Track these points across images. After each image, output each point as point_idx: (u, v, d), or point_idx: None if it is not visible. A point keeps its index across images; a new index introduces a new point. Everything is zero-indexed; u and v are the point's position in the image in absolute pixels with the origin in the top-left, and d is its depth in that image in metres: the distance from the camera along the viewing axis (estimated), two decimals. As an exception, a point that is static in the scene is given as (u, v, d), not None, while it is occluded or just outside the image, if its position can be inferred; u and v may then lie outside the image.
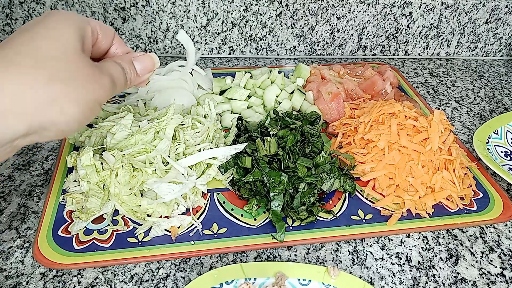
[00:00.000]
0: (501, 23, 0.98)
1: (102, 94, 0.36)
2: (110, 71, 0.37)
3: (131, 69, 0.41)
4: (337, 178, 0.57)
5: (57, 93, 0.32)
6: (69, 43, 0.34)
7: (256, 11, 0.86)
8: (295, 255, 0.51)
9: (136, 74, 0.42)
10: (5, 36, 0.82)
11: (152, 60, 0.43)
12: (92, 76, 0.35)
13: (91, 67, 0.35)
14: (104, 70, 0.37)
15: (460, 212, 0.57)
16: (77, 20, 0.35)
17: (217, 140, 0.62)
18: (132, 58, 0.41)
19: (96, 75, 0.35)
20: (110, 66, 0.38)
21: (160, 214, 0.52)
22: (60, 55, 0.33)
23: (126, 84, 0.40)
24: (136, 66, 0.42)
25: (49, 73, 0.31)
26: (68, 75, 0.32)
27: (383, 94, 0.77)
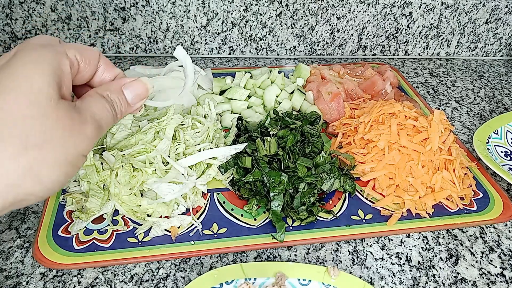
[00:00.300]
0: (501, 23, 0.98)
1: (84, 146, 0.30)
2: (93, 113, 0.31)
3: (121, 99, 0.34)
4: (337, 178, 0.57)
5: (32, 161, 0.27)
6: (42, 94, 0.27)
7: (256, 11, 0.86)
8: (295, 255, 0.51)
9: (127, 104, 0.35)
10: (5, 37, 0.82)
11: (145, 86, 0.36)
12: (71, 129, 0.29)
13: (70, 117, 0.29)
14: (86, 114, 0.30)
15: (460, 212, 0.57)
16: (50, 59, 0.29)
17: (217, 140, 0.62)
18: (122, 86, 0.35)
19: (76, 124, 0.29)
20: (93, 105, 0.32)
21: (160, 214, 0.52)
22: (33, 112, 0.27)
23: (116, 120, 0.34)
24: (127, 95, 0.35)
25: (21, 139, 0.26)
26: (42, 136, 0.27)
27: (383, 94, 0.77)
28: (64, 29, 0.83)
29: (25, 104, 0.27)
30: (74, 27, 0.83)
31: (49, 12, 0.81)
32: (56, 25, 0.83)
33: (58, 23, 0.82)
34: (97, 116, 0.31)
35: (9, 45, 0.84)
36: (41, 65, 0.28)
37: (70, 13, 0.81)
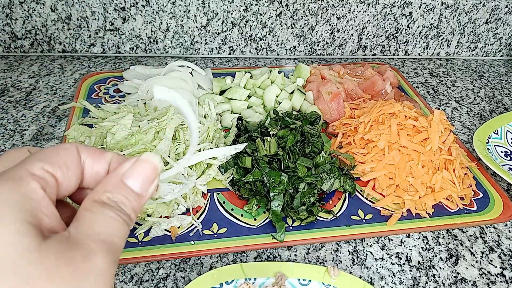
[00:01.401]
0: (501, 23, 0.98)
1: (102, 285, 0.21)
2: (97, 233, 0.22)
3: (127, 195, 0.25)
4: (337, 178, 0.57)
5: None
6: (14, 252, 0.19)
7: (256, 11, 0.86)
8: (295, 255, 0.51)
9: (137, 197, 0.25)
10: (5, 37, 0.82)
11: (151, 165, 0.26)
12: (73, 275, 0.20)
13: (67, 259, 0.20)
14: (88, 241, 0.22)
15: (460, 212, 0.57)
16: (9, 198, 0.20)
17: (217, 140, 0.62)
18: (122, 178, 0.25)
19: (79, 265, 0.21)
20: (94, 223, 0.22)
21: (160, 214, 0.52)
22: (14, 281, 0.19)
23: (130, 225, 0.24)
24: (133, 187, 0.25)
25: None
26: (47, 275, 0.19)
27: (383, 94, 0.77)
28: (64, 29, 0.83)
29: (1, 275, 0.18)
30: (74, 27, 0.83)
31: (49, 12, 0.81)
32: (56, 25, 0.83)
33: (58, 23, 0.82)
34: (104, 236, 0.22)
35: (9, 45, 0.84)
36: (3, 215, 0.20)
37: (70, 13, 0.81)
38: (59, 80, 0.79)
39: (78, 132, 0.60)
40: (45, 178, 0.22)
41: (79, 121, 0.65)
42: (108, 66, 0.85)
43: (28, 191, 0.21)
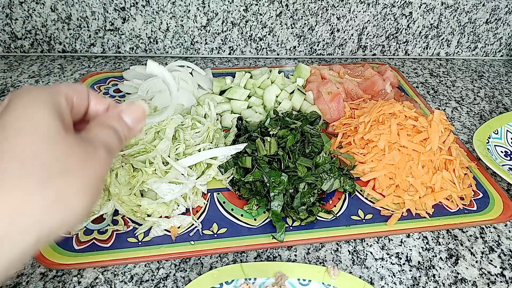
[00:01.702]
0: (501, 23, 0.98)
1: (101, 170, 0.31)
2: (101, 140, 0.32)
3: (122, 125, 0.35)
4: (337, 178, 0.57)
5: (58, 190, 0.27)
6: (49, 129, 0.28)
7: (256, 11, 0.86)
8: (295, 255, 0.51)
9: (129, 129, 0.36)
10: (5, 37, 0.82)
11: (141, 108, 0.37)
12: (86, 157, 0.30)
13: (81, 145, 0.30)
14: (95, 142, 0.31)
15: (460, 212, 0.57)
16: (47, 95, 0.30)
17: (217, 140, 0.62)
18: (120, 113, 0.35)
19: (90, 152, 0.30)
20: (99, 134, 0.32)
21: (160, 214, 0.52)
22: (45, 147, 0.27)
23: (121, 145, 0.35)
24: (127, 120, 0.36)
25: (40, 174, 0.26)
26: (61, 167, 0.28)
27: (383, 94, 0.77)
28: (64, 29, 0.83)
29: (37, 142, 0.27)
30: (74, 27, 0.83)
31: (49, 12, 0.81)
32: (56, 25, 0.83)
33: (58, 23, 0.82)
34: (105, 142, 0.32)
35: (9, 45, 0.84)
36: (40, 103, 0.29)
37: (70, 13, 0.81)
38: (59, 80, 0.79)
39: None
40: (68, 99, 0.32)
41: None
42: (108, 66, 0.85)
43: (58, 98, 0.30)
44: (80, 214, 0.29)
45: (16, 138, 0.27)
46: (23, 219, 0.25)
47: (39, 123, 0.28)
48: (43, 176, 0.26)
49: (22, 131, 0.27)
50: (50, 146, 0.27)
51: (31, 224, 0.26)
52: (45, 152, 0.27)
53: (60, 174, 0.27)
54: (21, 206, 0.25)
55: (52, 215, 0.27)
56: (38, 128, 0.27)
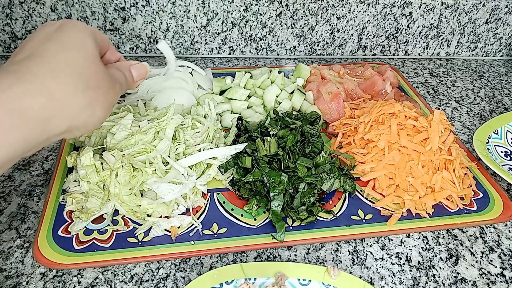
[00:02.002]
0: (501, 23, 0.98)
1: (115, 98, 0.41)
2: (116, 77, 0.42)
3: (129, 75, 0.45)
4: (337, 178, 0.57)
5: (91, 99, 0.37)
6: (92, 53, 0.38)
7: (256, 11, 0.86)
8: (295, 255, 0.51)
9: (132, 80, 0.46)
10: (5, 37, 0.82)
11: (146, 68, 0.48)
12: (109, 83, 0.40)
13: (108, 74, 0.40)
14: (114, 76, 0.41)
15: (460, 212, 0.57)
16: (91, 30, 0.39)
17: (217, 140, 0.62)
18: (130, 66, 0.46)
19: (112, 81, 0.40)
20: (116, 73, 0.42)
21: (160, 214, 0.52)
22: (89, 64, 0.37)
23: (125, 87, 0.45)
24: (133, 73, 0.46)
25: (84, 81, 0.36)
26: (96, 83, 0.37)
27: (383, 94, 0.77)
28: (64, 29, 0.83)
29: (84, 59, 0.37)
30: (74, 27, 0.83)
31: (49, 12, 0.81)
32: (56, 25, 0.83)
33: (58, 23, 0.82)
34: (119, 80, 0.43)
35: (9, 45, 0.84)
36: (88, 32, 0.39)
37: (70, 13, 0.81)
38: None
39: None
40: (98, 39, 0.41)
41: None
42: (108, 66, 0.85)
43: (97, 37, 0.40)
44: (96, 124, 0.39)
45: (71, 51, 0.36)
46: (65, 110, 0.34)
47: (87, 47, 0.38)
48: (84, 84, 0.36)
49: (74, 48, 0.36)
50: (92, 66, 0.37)
51: (67, 116, 0.35)
52: (88, 68, 0.37)
53: (95, 88, 0.37)
54: (66, 101, 0.34)
55: (81, 116, 0.36)
56: (86, 50, 0.37)
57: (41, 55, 0.35)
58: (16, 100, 0.31)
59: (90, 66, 0.37)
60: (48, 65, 0.34)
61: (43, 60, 0.34)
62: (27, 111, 0.32)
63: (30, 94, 0.32)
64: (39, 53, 0.35)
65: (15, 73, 0.33)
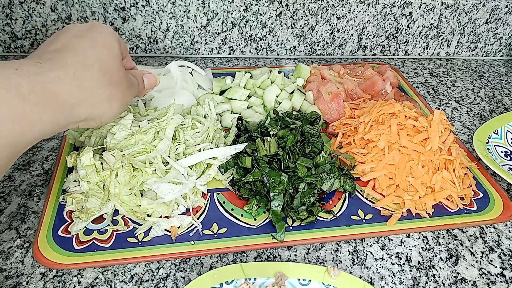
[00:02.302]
0: (501, 23, 0.98)
1: (130, 98, 0.46)
2: (132, 81, 0.47)
3: (141, 82, 0.50)
4: (337, 178, 0.57)
5: (111, 93, 0.41)
6: (117, 54, 0.42)
7: (256, 11, 0.86)
8: (295, 255, 0.51)
9: (143, 88, 0.51)
10: (5, 37, 0.82)
11: (156, 79, 0.53)
12: (128, 83, 0.44)
13: (127, 75, 0.45)
14: (130, 79, 0.46)
15: (460, 212, 0.57)
16: (117, 35, 0.44)
17: (217, 140, 0.62)
18: (142, 75, 0.51)
19: (130, 82, 0.45)
20: (132, 77, 0.47)
21: (160, 214, 0.52)
22: (114, 62, 0.41)
23: (136, 93, 0.49)
24: (145, 81, 0.51)
25: (108, 77, 0.40)
26: (118, 80, 0.42)
27: (383, 94, 0.77)
28: (64, 29, 0.83)
29: (111, 57, 0.41)
30: (74, 27, 0.83)
31: (49, 12, 0.81)
32: (56, 25, 0.83)
33: (58, 23, 0.82)
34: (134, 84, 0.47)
35: (9, 45, 0.84)
36: (114, 36, 0.43)
37: (70, 13, 0.81)
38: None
39: (78, 132, 0.61)
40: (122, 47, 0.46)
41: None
42: (108, 66, 0.85)
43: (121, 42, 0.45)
44: (111, 118, 0.43)
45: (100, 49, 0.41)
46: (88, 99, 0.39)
47: (114, 48, 0.42)
48: (108, 79, 0.40)
49: (103, 47, 0.41)
50: (116, 65, 0.42)
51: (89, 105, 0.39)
52: (113, 66, 0.42)
53: (116, 84, 0.42)
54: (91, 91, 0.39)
55: (100, 108, 0.41)
56: (113, 51, 0.42)
57: (75, 49, 0.39)
58: (51, 84, 0.35)
59: (114, 65, 0.41)
60: (80, 58, 0.38)
61: (76, 53, 0.38)
62: (59, 95, 0.36)
63: (63, 80, 0.36)
64: (73, 47, 0.39)
65: (51, 61, 0.37)
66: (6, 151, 0.33)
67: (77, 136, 0.60)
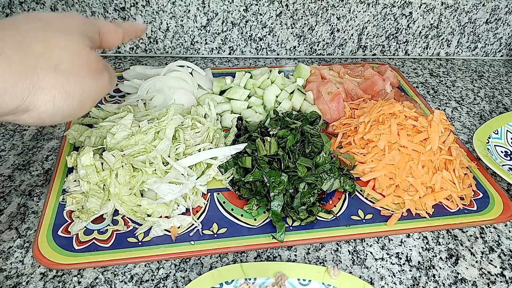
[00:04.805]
0: (501, 23, 0.98)
1: (99, 91, 0.38)
2: (102, 72, 0.39)
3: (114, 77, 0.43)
4: (337, 178, 0.57)
5: (56, 82, 0.33)
6: (78, 38, 0.36)
7: (256, 11, 0.86)
8: (295, 255, 0.51)
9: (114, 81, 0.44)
10: (5, 36, 0.82)
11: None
12: (93, 72, 0.36)
13: (96, 61, 0.37)
14: (99, 69, 0.38)
15: (460, 212, 0.57)
16: (88, 22, 0.39)
17: (217, 140, 0.62)
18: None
19: (99, 70, 0.37)
20: (100, 64, 0.39)
21: (160, 214, 0.52)
22: (69, 47, 0.34)
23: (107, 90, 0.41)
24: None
25: (55, 62, 0.33)
26: (70, 67, 0.34)
27: (383, 94, 0.77)
28: (64, 29, 0.83)
29: (65, 40, 0.35)
30: (74, 27, 0.83)
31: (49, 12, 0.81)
32: (56, 25, 0.83)
33: (58, 23, 0.82)
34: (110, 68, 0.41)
35: (9, 45, 0.84)
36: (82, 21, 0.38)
37: (70, 13, 0.81)
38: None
39: (78, 132, 0.61)
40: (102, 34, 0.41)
41: (79, 121, 0.65)
42: (108, 66, 0.85)
43: (92, 30, 0.39)
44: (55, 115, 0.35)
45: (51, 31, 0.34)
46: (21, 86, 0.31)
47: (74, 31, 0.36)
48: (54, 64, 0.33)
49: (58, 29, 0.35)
50: (73, 49, 0.35)
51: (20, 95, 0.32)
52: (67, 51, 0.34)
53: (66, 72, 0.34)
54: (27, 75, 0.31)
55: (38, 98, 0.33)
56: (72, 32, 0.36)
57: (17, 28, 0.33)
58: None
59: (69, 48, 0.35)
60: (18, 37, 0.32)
61: (17, 31, 0.33)
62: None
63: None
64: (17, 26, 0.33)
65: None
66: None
67: (77, 136, 0.60)
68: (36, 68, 0.32)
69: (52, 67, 0.33)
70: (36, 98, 0.32)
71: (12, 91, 0.31)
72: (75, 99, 0.35)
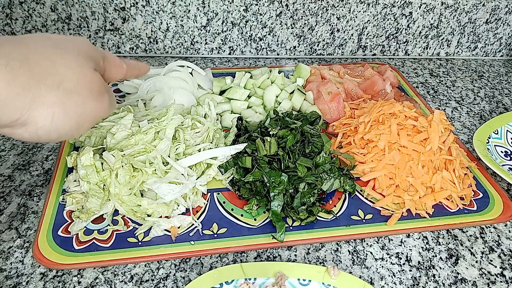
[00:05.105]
0: (501, 23, 0.98)
1: (98, 114, 0.38)
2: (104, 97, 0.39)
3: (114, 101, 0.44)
4: (337, 178, 0.57)
5: (57, 100, 0.33)
6: (84, 60, 0.36)
7: (256, 11, 0.86)
8: (295, 255, 0.51)
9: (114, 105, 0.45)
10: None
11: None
12: (95, 94, 0.37)
13: (99, 82, 0.38)
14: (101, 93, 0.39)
15: (460, 212, 0.57)
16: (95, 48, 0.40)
17: (217, 140, 0.62)
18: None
19: (101, 92, 0.38)
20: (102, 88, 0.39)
21: (160, 214, 0.52)
22: (75, 66, 0.35)
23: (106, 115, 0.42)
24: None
25: (59, 79, 0.33)
26: (73, 87, 0.35)
27: (383, 94, 0.77)
28: (64, 29, 0.83)
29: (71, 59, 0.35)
30: (74, 27, 0.83)
31: (49, 12, 0.81)
32: (56, 25, 0.83)
33: (58, 23, 0.82)
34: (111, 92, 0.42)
35: (9, 45, 0.84)
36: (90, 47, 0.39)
37: (70, 13, 0.81)
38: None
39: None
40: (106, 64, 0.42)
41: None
42: (108, 66, 0.85)
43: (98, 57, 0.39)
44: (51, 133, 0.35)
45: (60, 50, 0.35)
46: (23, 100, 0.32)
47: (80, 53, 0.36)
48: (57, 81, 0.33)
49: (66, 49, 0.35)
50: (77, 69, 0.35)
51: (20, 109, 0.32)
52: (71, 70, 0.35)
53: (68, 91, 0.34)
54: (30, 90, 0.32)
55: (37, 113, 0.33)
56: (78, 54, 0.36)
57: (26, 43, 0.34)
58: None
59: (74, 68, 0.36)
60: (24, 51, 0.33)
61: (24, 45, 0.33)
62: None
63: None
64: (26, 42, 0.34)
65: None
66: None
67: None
68: (40, 83, 0.32)
69: (55, 84, 0.33)
70: (36, 112, 0.33)
71: (14, 103, 0.31)
72: (73, 119, 0.36)
